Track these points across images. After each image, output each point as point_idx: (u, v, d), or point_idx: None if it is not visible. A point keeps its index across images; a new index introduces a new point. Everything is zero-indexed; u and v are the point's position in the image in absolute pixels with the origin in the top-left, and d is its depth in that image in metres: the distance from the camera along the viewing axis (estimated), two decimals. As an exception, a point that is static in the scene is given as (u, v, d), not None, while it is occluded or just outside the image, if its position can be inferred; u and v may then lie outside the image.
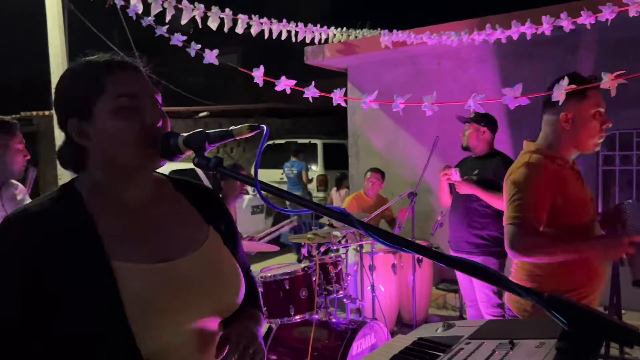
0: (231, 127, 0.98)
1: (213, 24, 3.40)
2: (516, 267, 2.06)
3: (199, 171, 6.73)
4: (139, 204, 1.10)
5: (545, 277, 1.92)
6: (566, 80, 1.83)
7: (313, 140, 10.72)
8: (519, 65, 5.52)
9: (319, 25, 4.61)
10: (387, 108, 2.58)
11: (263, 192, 0.93)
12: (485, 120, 3.63)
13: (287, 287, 3.11)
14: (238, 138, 0.98)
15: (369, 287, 3.96)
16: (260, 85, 2.44)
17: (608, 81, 1.78)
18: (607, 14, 2.64)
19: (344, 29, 5.89)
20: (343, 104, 2.29)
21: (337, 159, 9.82)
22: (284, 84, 2.27)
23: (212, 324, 1.10)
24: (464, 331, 1.37)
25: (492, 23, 3.89)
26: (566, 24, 2.85)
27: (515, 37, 3.34)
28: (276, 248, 3.40)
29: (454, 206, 3.81)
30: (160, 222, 1.11)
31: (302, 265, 3.25)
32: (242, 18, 3.61)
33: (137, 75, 1.10)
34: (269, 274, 3.20)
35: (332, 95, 2.25)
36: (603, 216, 2.08)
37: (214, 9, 3.42)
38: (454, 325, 1.44)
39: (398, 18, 7.34)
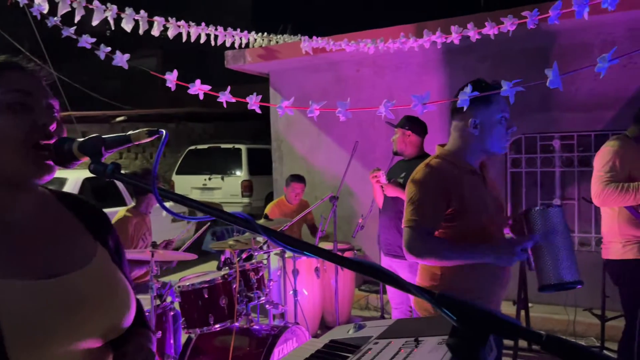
0: (129, 132, 0.95)
1: (127, 26, 3.27)
2: (420, 268, 2.11)
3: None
4: (21, 215, 1.02)
5: (445, 278, 1.97)
6: (470, 87, 1.92)
7: (237, 145, 10.61)
8: (432, 72, 5.76)
9: (239, 30, 4.57)
10: (310, 113, 2.63)
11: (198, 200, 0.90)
12: (410, 124, 3.74)
13: (206, 296, 3.04)
14: (137, 143, 0.95)
15: (291, 292, 3.96)
16: (173, 89, 2.38)
17: (507, 89, 1.88)
18: (509, 25, 2.81)
19: (265, 33, 5.88)
20: (258, 110, 2.28)
21: (262, 164, 9.78)
22: (198, 88, 2.22)
23: (101, 344, 1.02)
24: (373, 331, 1.40)
25: (406, 32, 4.03)
26: (472, 33, 3.01)
27: (427, 45, 3.48)
28: (194, 256, 3.32)
29: (385, 209, 3.88)
30: (45, 235, 1.03)
31: (222, 272, 3.19)
32: (158, 20, 3.50)
33: (34, 78, 1.06)
34: (187, 283, 3.12)
35: (247, 100, 2.24)
36: (512, 221, 2.14)
37: (128, 10, 3.29)
38: (365, 326, 1.47)
39: (322, 24, 7.44)
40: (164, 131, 0.92)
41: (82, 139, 0.98)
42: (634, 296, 3.06)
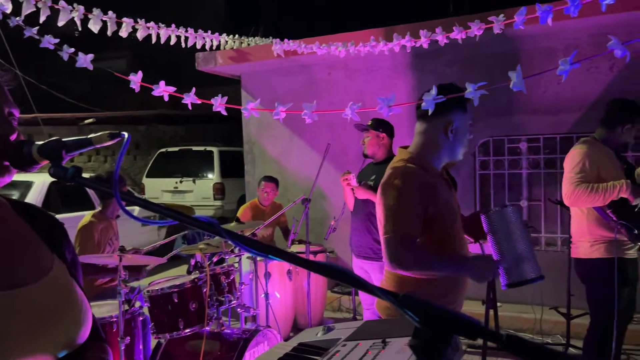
0: (90, 135, 0.93)
1: (94, 27, 3.21)
2: (386, 273, 2.09)
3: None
4: None
5: (411, 285, 1.95)
6: (435, 90, 1.94)
7: (209, 148, 10.51)
8: (402, 76, 5.82)
9: (210, 32, 4.53)
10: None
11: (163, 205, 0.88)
12: (383, 126, 3.76)
13: (176, 301, 3.00)
14: (99, 146, 0.93)
15: (263, 295, 3.94)
16: (137, 90, 2.35)
17: (472, 91, 1.92)
18: (476, 30, 2.86)
19: (236, 36, 5.85)
20: (224, 112, 2.26)
21: (234, 167, 9.71)
22: (163, 89, 2.19)
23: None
24: (342, 333, 1.40)
25: (376, 35, 4.07)
26: (441, 38, 3.05)
27: (396, 49, 3.52)
28: (163, 260, 3.27)
29: (356, 212, 3.89)
30: (0, 247, 0.98)
31: (192, 277, 3.16)
32: (126, 22, 3.45)
33: None
34: (157, 288, 3.08)
35: (212, 102, 2.22)
36: (465, 222, 2.16)
37: (96, 10, 3.23)
38: (334, 328, 1.47)
39: (294, 26, 7.44)
40: (126, 134, 0.90)
41: (42, 142, 0.95)
42: (600, 294, 3.14)
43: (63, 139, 0.95)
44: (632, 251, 3.12)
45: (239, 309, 3.47)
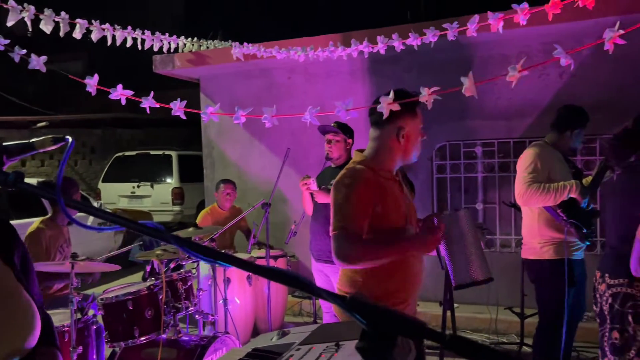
0: (33, 139, 0.90)
1: (46, 27, 3.11)
2: (340, 274, 2.15)
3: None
4: None
5: (364, 283, 2.02)
6: (392, 94, 1.98)
7: (167, 152, 10.34)
8: (361, 81, 5.89)
9: (167, 34, 4.47)
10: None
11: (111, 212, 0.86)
12: (350, 131, 3.79)
13: (131, 308, 2.94)
14: (42, 151, 0.91)
15: (222, 301, 3.90)
16: (93, 94, 2.29)
17: (426, 95, 1.96)
18: (430, 36, 2.92)
19: (195, 39, 5.78)
20: (182, 116, 2.24)
21: (193, 171, 9.58)
22: (120, 93, 2.15)
23: None
24: (297, 337, 1.41)
25: (335, 41, 4.10)
26: (397, 44, 3.11)
27: (354, 54, 3.55)
28: (117, 267, 3.20)
29: (315, 216, 3.89)
30: None
31: (148, 283, 3.10)
32: (80, 23, 3.36)
33: None
34: (111, 295, 3.01)
35: (170, 105, 2.19)
36: (422, 222, 2.22)
37: (47, 11, 3.14)
38: (289, 333, 1.47)
39: (253, 31, 7.41)
40: (69, 138, 0.88)
41: (-19, 147, 0.92)
42: (549, 294, 3.24)
43: (4, 143, 0.92)
44: (579, 252, 3.25)
45: (196, 316, 3.42)
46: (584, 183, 3.28)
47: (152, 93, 2.23)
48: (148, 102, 2.19)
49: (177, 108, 2.17)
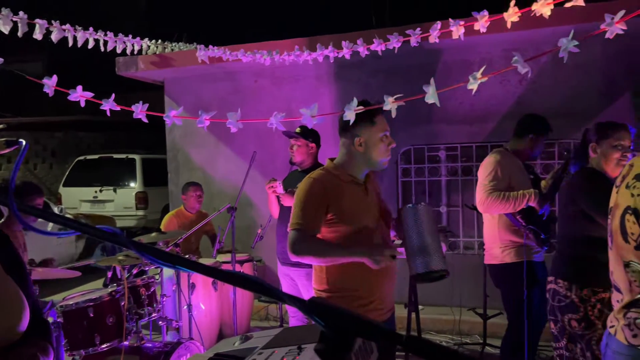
0: (-17, 143, 0.88)
1: (4, 28, 3.02)
2: (313, 274, 2.30)
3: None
4: None
5: (331, 280, 2.20)
6: (355, 101, 2.01)
7: (131, 156, 10.15)
8: (328, 85, 5.92)
9: (130, 36, 4.39)
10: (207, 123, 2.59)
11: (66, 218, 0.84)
12: (312, 135, 3.79)
13: (92, 315, 2.87)
14: (1, 153, 0.88)
15: (186, 307, 3.85)
16: (51, 95, 2.23)
17: (389, 104, 1.99)
18: (394, 42, 2.96)
19: (159, 41, 5.71)
20: (144, 119, 2.21)
21: (158, 175, 9.43)
22: (80, 95, 2.10)
23: None
24: (259, 342, 1.40)
25: (300, 45, 4.11)
26: (362, 49, 3.14)
27: (320, 59, 3.57)
28: (77, 274, 3.12)
29: (281, 219, 3.87)
30: None
31: (109, 289, 3.03)
32: (40, 23, 3.27)
33: None
34: (71, 302, 2.93)
35: (132, 109, 2.15)
36: (395, 221, 2.32)
37: (5, 10, 3.05)
38: (252, 337, 1.47)
39: (219, 33, 7.36)
40: (23, 141, 0.86)
41: None
42: (514, 297, 3.31)
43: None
44: (539, 254, 3.34)
45: (160, 322, 3.37)
46: (542, 185, 3.40)
47: (112, 95, 2.18)
48: (109, 105, 2.15)
49: (139, 111, 2.14)
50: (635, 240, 1.62)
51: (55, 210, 7.45)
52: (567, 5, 2.00)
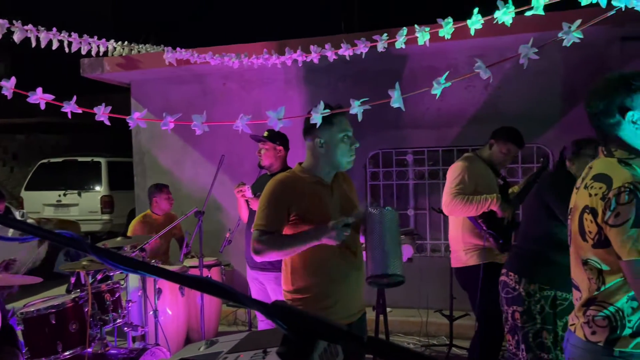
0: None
1: (-38, 28, 2.94)
2: (282, 277, 2.34)
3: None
4: None
5: (295, 280, 2.25)
6: (322, 105, 2.02)
7: (96, 159, 9.94)
8: (297, 89, 5.93)
9: (96, 37, 4.31)
10: (175, 126, 2.53)
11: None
12: (280, 138, 3.78)
13: (54, 322, 2.80)
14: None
15: (152, 312, 3.79)
16: (9, 97, 2.18)
17: (355, 107, 2.01)
18: (362, 47, 2.99)
19: (126, 42, 5.62)
20: (107, 122, 2.17)
21: (124, 179, 9.26)
22: (39, 97, 2.06)
23: None
24: (225, 346, 1.40)
25: (269, 48, 4.11)
26: (330, 54, 3.16)
27: (289, 62, 3.58)
28: (38, 279, 3.04)
29: (250, 223, 3.83)
30: None
31: (72, 295, 2.97)
32: (0, 23, 3.19)
33: None
34: (32, 309, 2.86)
35: (94, 111, 2.12)
36: (361, 223, 2.31)
37: (-36, 10, 2.96)
38: (217, 342, 1.46)
39: (186, 36, 7.29)
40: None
41: None
42: (480, 299, 3.37)
43: None
44: (500, 256, 3.42)
45: (125, 328, 3.31)
46: (514, 190, 3.50)
47: (74, 97, 2.14)
48: (70, 107, 2.11)
49: (101, 113, 2.10)
50: (592, 239, 1.67)
51: (17, 214, 7.25)
52: (528, 14, 2.06)
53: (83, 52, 4.10)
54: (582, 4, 1.95)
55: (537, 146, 5.21)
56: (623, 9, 1.93)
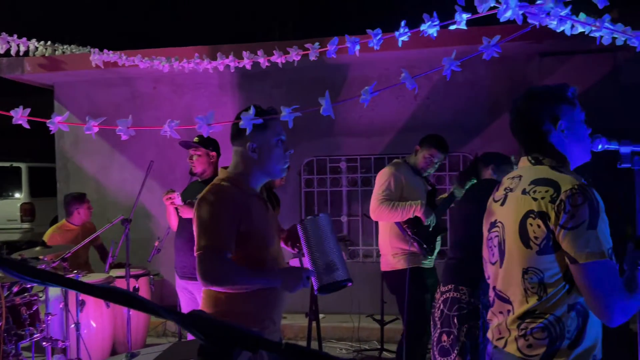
0: None
1: None
2: (203, 296, 2.05)
3: None
4: None
5: (226, 302, 1.96)
6: (252, 110, 1.99)
7: (16, 164, 9.40)
8: (231, 94, 5.87)
9: (16, 36, 4.09)
10: (101, 131, 2.41)
11: None
12: (213, 144, 3.71)
13: (-38, 339, 2.61)
14: None
15: (73, 325, 3.61)
16: None
17: (286, 114, 2.01)
18: (294, 55, 3.01)
19: (49, 42, 5.35)
20: (26, 125, 2.05)
21: (46, 185, 8.79)
22: (-53, 97, 1.91)
23: None
24: (147, 358, 1.36)
25: (201, 53, 4.05)
26: (262, 60, 3.15)
27: (221, 68, 3.54)
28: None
29: (180, 231, 3.74)
30: None
31: (-17, 310, 2.77)
32: None
33: None
34: (-63, 326, 2.64)
35: (11, 114, 2.00)
36: (286, 234, 2.25)
37: None
38: (138, 354, 1.41)
39: (116, 38, 7.04)
40: None
41: None
42: (407, 302, 3.45)
43: None
44: (427, 261, 3.53)
45: (44, 343, 3.13)
46: (442, 197, 3.63)
47: (-11, 99, 2.02)
48: (-18, 109, 1.98)
49: (19, 116, 1.98)
50: (538, 245, 1.57)
51: None
52: (451, 28, 2.14)
53: (1, 51, 3.89)
54: (501, 21, 2.05)
55: (463, 155, 5.43)
56: (537, 27, 2.05)
